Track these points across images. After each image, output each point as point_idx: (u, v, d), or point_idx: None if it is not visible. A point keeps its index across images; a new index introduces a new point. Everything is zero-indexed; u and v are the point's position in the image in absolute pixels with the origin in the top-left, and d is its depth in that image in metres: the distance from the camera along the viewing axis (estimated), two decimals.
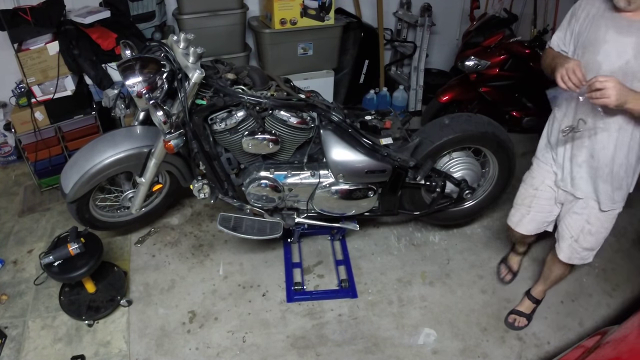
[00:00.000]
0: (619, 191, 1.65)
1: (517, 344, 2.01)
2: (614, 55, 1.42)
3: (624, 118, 1.47)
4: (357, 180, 2.08)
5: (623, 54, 1.40)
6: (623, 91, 1.32)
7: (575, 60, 1.44)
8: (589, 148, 1.61)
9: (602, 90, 1.31)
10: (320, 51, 3.17)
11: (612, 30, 1.43)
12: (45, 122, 2.62)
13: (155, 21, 2.86)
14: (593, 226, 1.73)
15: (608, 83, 1.31)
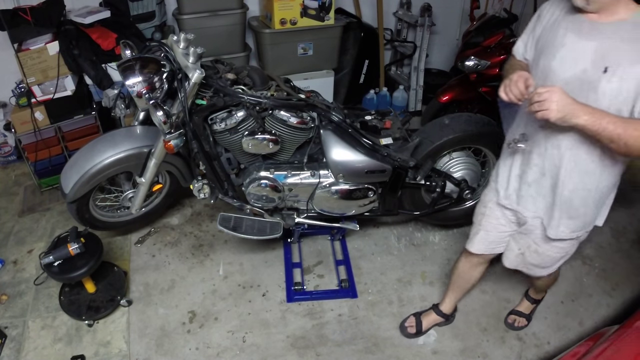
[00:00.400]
0: (573, 221, 1.46)
1: (517, 344, 2.01)
2: (569, 61, 1.26)
3: (575, 136, 1.29)
4: (357, 180, 2.08)
5: (580, 60, 1.24)
6: (568, 104, 1.14)
7: (524, 73, 1.27)
8: (539, 167, 1.44)
9: (541, 102, 1.15)
10: (320, 51, 3.17)
11: (572, 34, 1.27)
12: (45, 122, 2.62)
13: (155, 21, 2.86)
14: (539, 247, 1.58)
15: (548, 94, 1.14)
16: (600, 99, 1.21)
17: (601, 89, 1.20)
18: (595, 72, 1.20)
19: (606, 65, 1.19)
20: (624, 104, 1.19)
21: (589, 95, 1.22)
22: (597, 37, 1.22)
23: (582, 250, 2.47)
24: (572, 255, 2.44)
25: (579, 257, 2.43)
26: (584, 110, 1.15)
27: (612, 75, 1.18)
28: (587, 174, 1.37)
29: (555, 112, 1.14)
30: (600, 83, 1.20)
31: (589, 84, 1.22)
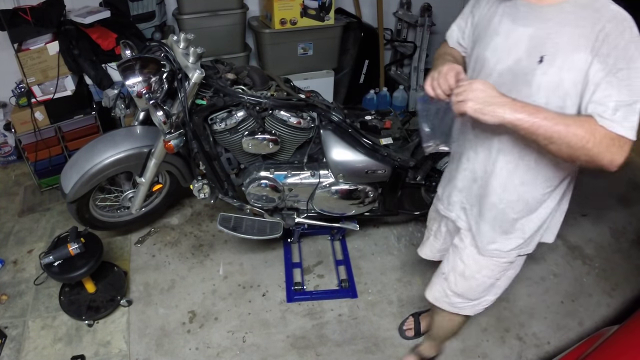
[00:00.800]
0: (508, 237, 1.30)
1: (517, 344, 2.01)
2: (503, 51, 1.11)
3: (509, 138, 1.15)
4: (357, 180, 2.08)
5: (514, 49, 1.09)
6: (489, 96, 0.99)
7: (456, 66, 1.12)
8: (470, 171, 1.29)
9: (458, 93, 1.01)
10: (320, 51, 3.17)
11: (507, 19, 1.11)
12: (45, 122, 2.62)
13: (155, 21, 2.86)
14: (467, 267, 1.39)
15: (468, 84, 1.01)
16: (534, 94, 1.06)
17: (536, 82, 1.06)
18: (530, 63, 1.06)
19: (542, 54, 1.04)
20: (567, 99, 1.04)
21: (522, 90, 1.07)
22: (534, 22, 1.06)
23: (582, 250, 2.48)
24: (572, 255, 2.46)
25: (579, 257, 2.44)
26: (512, 104, 0.99)
27: (549, 65, 1.03)
28: (524, 184, 1.20)
29: (471, 103, 0.99)
30: (535, 75, 1.05)
31: (523, 76, 1.07)
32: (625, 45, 0.96)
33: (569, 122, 0.97)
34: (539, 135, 0.98)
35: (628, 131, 0.97)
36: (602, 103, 0.97)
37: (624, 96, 0.96)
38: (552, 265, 2.38)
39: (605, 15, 0.98)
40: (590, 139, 0.96)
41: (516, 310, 2.15)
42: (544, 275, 2.32)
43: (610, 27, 0.97)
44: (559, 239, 2.53)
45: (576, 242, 2.52)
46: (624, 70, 0.96)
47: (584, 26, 0.99)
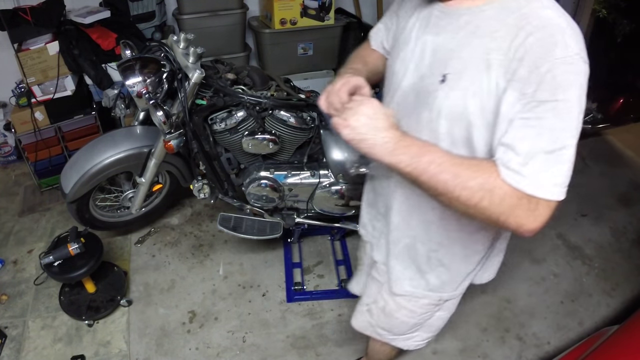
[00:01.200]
0: (421, 275, 1.11)
1: (517, 344, 2.01)
2: (410, 63, 0.92)
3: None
4: (357, 180, 2.08)
5: (420, 63, 0.90)
6: (374, 128, 0.78)
7: (356, 79, 0.91)
8: (385, 197, 1.11)
9: (346, 114, 0.81)
10: (320, 51, 3.17)
11: (420, 24, 0.92)
12: (45, 122, 2.62)
13: (155, 21, 2.86)
14: (387, 304, 1.24)
15: (356, 104, 0.80)
16: (434, 120, 0.86)
17: (437, 106, 0.85)
18: (432, 82, 0.86)
19: (445, 71, 0.83)
20: (473, 131, 0.82)
21: (423, 113, 0.88)
22: (445, 30, 0.86)
23: (582, 250, 2.47)
24: (572, 255, 2.46)
25: (579, 257, 2.43)
26: (395, 142, 0.77)
27: (452, 87, 0.82)
28: (428, 223, 1.02)
29: (348, 130, 0.79)
30: (436, 98, 0.85)
31: (425, 97, 0.88)
32: (552, 68, 0.71)
33: (460, 171, 0.75)
34: (422, 183, 0.78)
35: (543, 190, 0.73)
36: (512, 147, 0.74)
37: (544, 141, 0.73)
38: (552, 265, 2.38)
39: (531, 24, 0.74)
40: (486, 196, 0.74)
41: (516, 310, 2.15)
42: (544, 275, 2.32)
43: (533, 40, 0.73)
44: (559, 239, 2.53)
45: (576, 242, 2.52)
46: (548, 103, 0.71)
47: (503, 38, 0.76)
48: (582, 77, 0.74)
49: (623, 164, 3.14)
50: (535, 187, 0.73)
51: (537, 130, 0.73)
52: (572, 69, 0.73)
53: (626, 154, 3.23)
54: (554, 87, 0.71)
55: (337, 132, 0.81)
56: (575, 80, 0.73)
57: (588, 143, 3.25)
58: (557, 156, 0.73)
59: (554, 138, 0.73)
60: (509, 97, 0.75)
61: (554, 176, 0.74)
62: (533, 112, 0.73)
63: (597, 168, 3.08)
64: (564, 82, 0.72)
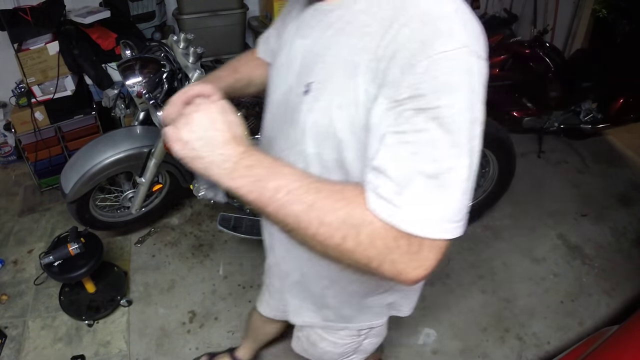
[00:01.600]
0: (319, 309, 0.99)
1: (517, 344, 2.01)
2: (282, 71, 0.80)
3: None
4: None
5: (290, 71, 0.77)
6: (208, 142, 0.61)
7: (198, 88, 0.75)
8: (267, 225, 1.02)
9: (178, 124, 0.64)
10: None
11: (295, 28, 0.79)
12: (45, 122, 2.62)
13: (155, 21, 2.86)
14: (310, 334, 1.15)
15: (190, 115, 0.64)
16: (300, 140, 0.73)
17: (301, 123, 0.72)
18: (298, 94, 0.72)
19: (308, 80, 0.69)
20: (344, 151, 0.68)
21: (289, 132, 0.75)
22: (314, 30, 0.72)
23: (582, 250, 2.48)
24: (572, 255, 2.47)
25: (579, 257, 2.43)
26: (236, 160, 0.60)
27: (316, 98, 0.68)
28: (310, 260, 0.87)
29: (179, 143, 0.62)
30: (300, 112, 0.71)
31: (292, 112, 0.74)
32: (432, 66, 0.55)
33: (317, 201, 0.58)
34: (269, 215, 0.61)
35: (424, 227, 0.56)
36: (383, 170, 0.57)
37: (423, 161, 0.56)
38: (552, 265, 2.38)
39: (408, 13, 0.59)
40: (350, 234, 0.57)
41: (516, 310, 2.15)
42: (544, 275, 2.32)
43: (408, 33, 0.57)
44: (559, 239, 2.53)
45: (576, 242, 2.52)
46: (428, 111, 0.55)
47: (373, 34, 0.61)
48: (473, 76, 0.58)
49: (623, 164, 3.14)
50: (414, 224, 0.55)
51: (414, 147, 0.55)
52: (459, 65, 0.56)
53: (626, 154, 3.23)
54: (435, 91, 0.55)
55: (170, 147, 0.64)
56: (464, 80, 0.57)
57: (588, 143, 3.25)
58: (442, 181, 0.56)
59: (437, 157, 0.56)
60: (380, 107, 0.59)
61: (439, 208, 0.56)
62: (409, 124, 0.56)
63: (597, 168, 3.08)
64: (448, 83, 0.56)
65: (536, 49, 2.96)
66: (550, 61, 2.96)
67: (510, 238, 2.54)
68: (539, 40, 3.00)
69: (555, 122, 3.10)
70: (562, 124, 3.11)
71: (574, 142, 3.29)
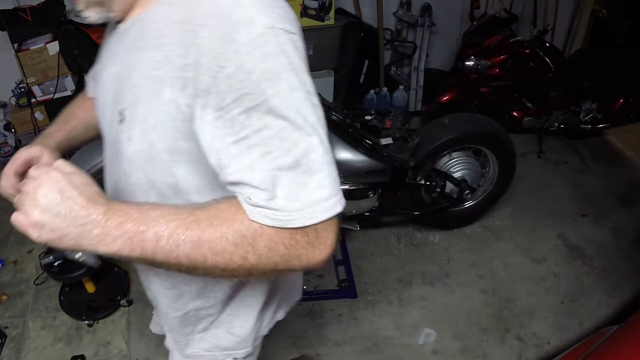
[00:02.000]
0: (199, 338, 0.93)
1: (517, 344, 2.01)
2: (101, 106, 0.74)
3: None
4: (357, 180, 2.08)
5: (105, 104, 0.71)
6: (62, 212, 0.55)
7: (27, 151, 0.73)
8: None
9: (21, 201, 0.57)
10: (320, 51, 3.17)
11: (105, 58, 0.74)
12: (45, 122, 2.62)
13: None
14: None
15: (30, 189, 0.57)
16: (131, 173, 0.68)
17: (126, 155, 0.66)
18: (115, 124, 0.66)
19: (121, 107, 0.64)
20: (176, 175, 0.64)
21: (120, 167, 0.69)
22: (118, 56, 0.67)
23: (582, 250, 2.47)
24: (572, 255, 2.47)
25: (579, 257, 2.43)
26: (95, 221, 0.55)
27: (132, 125, 0.62)
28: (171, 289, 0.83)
29: (35, 230, 0.55)
30: (121, 143, 0.66)
31: (116, 146, 0.68)
32: (242, 62, 0.53)
33: (201, 234, 0.56)
34: (162, 264, 0.58)
35: (311, 215, 0.55)
36: (246, 182, 0.56)
37: (278, 157, 0.55)
38: (552, 265, 2.38)
39: (202, 11, 0.55)
40: (248, 251, 0.56)
41: (516, 310, 2.15)
42: (544, 275, 2.32)
43: (206, 33, 0.54)
44: (559, 239, 2.53)
45: (576, 242, 2.52)
46: (259, 107, 0.53)
47: (171, 43, 0.57)
48: (289, 54, 0.55)
49: (623, 164, 3.14)
50: (300, 218, 0.55)
51: (262, 148, 0.54)
52: (270, 49, 0.53)
53: (626, 154, 3.23)
54: (256, 84, 0.53)
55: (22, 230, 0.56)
56: (281, 62, 0.54)
57: (588, 143, 3.25)
58: (305, 166, 0.55)
59: (288, 147, 0.54)
60: (203, 120, 0.55)
61: (315, 192, 0.56)
62: (246, 128, 0.54)
63: (597, 168, 3.08)
64: (267, 71, 0.53)
65: (536, 49, 2.96)
66: (550, 61, 2.96)
67: (510, 238, 2.54)
68: (539, 40, 3.00)
69: (555, 122, 3.10)
70: (562, 124, 3.11)
71: (574, 142, 3.29)
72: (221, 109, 0.54)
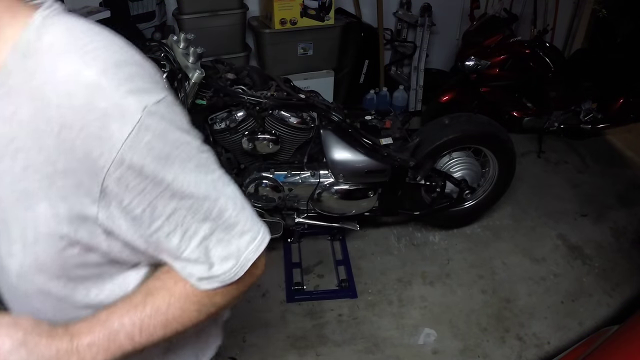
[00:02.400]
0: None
1: (517, 344, 2.01)
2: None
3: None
4: (357, 180, 2.08)
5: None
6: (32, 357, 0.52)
7: None
8: None
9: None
10: (320, 51, 3.17)
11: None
12: None
13: (155, 21, 2.86)
14: None
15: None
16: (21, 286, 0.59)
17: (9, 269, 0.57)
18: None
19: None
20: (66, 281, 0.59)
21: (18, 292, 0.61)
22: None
23: (582, 250, 2.47)
24: (572, 255, 2.47)
25: (579, 257, 2.43)
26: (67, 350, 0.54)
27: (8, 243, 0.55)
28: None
29: None
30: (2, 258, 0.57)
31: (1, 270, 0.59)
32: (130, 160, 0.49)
33: (167, 317, 0.59)
34: (147, 346, 0.60)
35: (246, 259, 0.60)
36: (182, 265, 0.59)
37: (198, 230, 0.56)
38: (552, 265, 2.38)
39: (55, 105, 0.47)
40: (210, 311, 0.63)
41: (516, 310, 2.15)
42: (544, 275, 2.32)
43: (73, 135, 0.47)
44: (559, 239, 2.53)
45: (576, 242, 2.52)
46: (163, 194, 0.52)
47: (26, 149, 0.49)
48: (169, 126, 0.52)
49: (623, 164, 3.14)
50: (239, 271, 0.60)
51: (181, 228, 0.55)
52: (153, 136, 0.50)
53: (626, 154, 3.23)
54: (152, 179, 0.50)
55: None
56: (167, 144, 0.51)
57: (588, 143, 3.25)
58: (224, 224, 0.58)
59: (203, 216, 0.56)
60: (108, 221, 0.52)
61: (241, 241, 0.60)
62: (158, 219, 0.53)
63: (597, 168, 3.08)
64: (158, 161, 0.50)
65: (536, 49, 2.96)
66: (550, 61, 2.96)
67: (510, 238, 2.54)
68: (539, 40, 3.01)
69: (555, 122, 3.10)
70: (562, 124, 3.11)
71: (574, 142, 3.29)
72: (123, 209, 0.52)
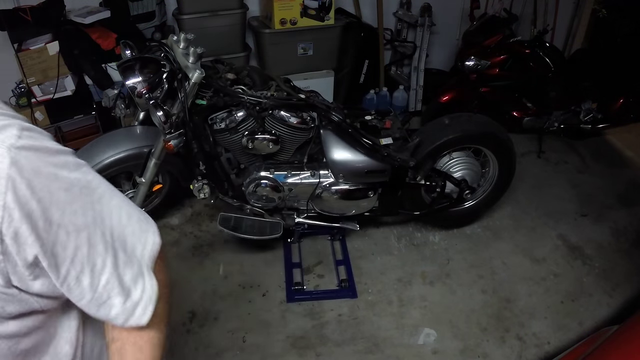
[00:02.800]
0: None
1: (517, 344, 2.01)
2: None
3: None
4: (357, 180, 2.08)
5: None
6: None
7: None
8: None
9: None
10: (320, 51, 3.17)
11: None
12: (45, 122, 2.62)
13: (155, 21, 2.86)
14: None
15: None
16: None
17: None
18: None
19: None
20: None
21: None
22: None
23: (583, 250, 2.47)
24: (572, 255, 2.47)
25: (579, 257, 2.43)
26: None
27: None
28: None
29: None
30: None
31: None
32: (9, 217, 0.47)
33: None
34: None
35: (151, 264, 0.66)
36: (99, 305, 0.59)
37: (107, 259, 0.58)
38: (552, 265, 2.38)
39: None
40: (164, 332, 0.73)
41: (516, 310, 2.15)
42: (544, 275, 2.32)
43: None
44: (559, 239, 2.53)
45: (576, 242, 2.52)
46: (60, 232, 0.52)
47: None
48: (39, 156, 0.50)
49: (623, 164, 3.14)
50: (154, 282, 0.65)
51: (88, 267, 0.56)
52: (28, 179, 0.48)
53: (626, 154, 3.23)
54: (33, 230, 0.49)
55: None
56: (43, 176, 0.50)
57: (588, 143, 3.25)
58: (120, 246, 0.59)
59: (103, 248, 0.57)
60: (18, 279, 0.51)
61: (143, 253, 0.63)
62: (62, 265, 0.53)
63: (597, 168, 3.08)
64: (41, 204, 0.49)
65: (536, 49, 2.96)
66: (550, 61, 2.96)
67: (510, 238, 2.54)
68: (539, 40, 3.00)
69: (555, 122, 3.10)
70: (562, 124, 3.11)
71: (574, 142, 3.29)
72: (32, 265, 0.51)
